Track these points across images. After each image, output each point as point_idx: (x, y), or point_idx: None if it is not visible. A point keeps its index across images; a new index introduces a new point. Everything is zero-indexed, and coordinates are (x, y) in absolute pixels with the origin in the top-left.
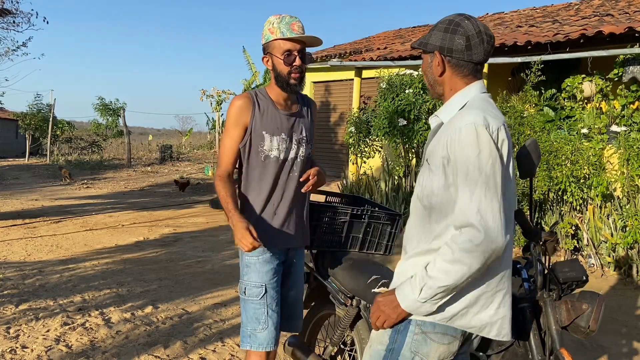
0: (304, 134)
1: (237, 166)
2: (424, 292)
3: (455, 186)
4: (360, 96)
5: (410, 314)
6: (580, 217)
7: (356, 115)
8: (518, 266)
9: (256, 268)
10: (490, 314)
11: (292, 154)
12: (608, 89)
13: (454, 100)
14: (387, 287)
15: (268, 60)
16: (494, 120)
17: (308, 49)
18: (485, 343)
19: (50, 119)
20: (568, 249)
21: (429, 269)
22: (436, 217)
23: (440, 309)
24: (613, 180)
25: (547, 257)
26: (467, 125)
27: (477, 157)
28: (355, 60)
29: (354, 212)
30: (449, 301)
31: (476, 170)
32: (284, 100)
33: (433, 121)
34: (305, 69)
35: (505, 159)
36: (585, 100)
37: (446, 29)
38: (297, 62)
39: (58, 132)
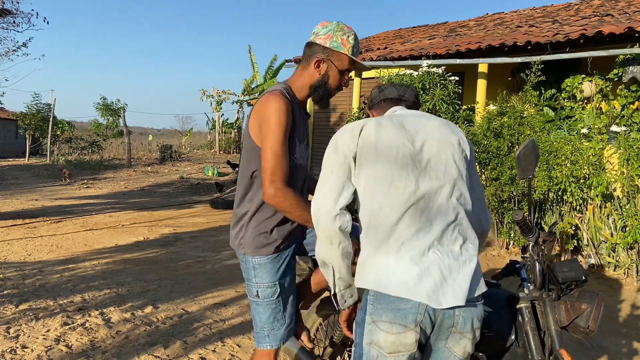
0: (308, 138)
1: (234, 168)
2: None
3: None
4: (360, 96)
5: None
6: (580, 217)
7: (356, 115)
8: (517, 266)
9: (267, 268)
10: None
11: (306, 160)
12: (608, 89)
13: None
14: None
15: (322, 65)
16: (358, 122)
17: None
18: (485, 343)
19: (50, 119)
20: (568, 249)
21: None
22: None
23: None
24: (613, 180)
25: (547, 257)
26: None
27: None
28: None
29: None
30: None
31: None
32: (304, 104)
33: None
34: None
35: (368, 147)
36: (585, 100)
37: (372, 92)
38: (347, 84)
39: (58, 132)
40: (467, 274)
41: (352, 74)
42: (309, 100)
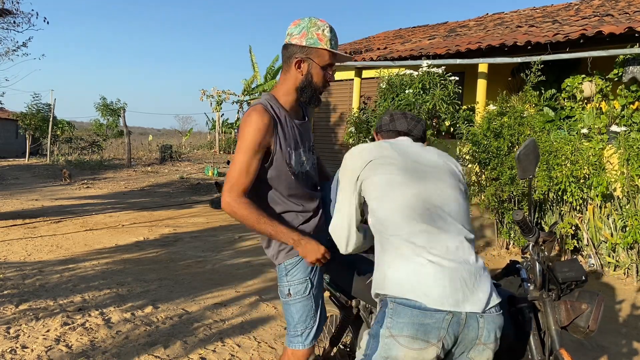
0: (312, 141)
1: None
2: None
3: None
4: (360, 96)
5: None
6: (580, 217)
7: (356, 115)
8: (517, 266)
9: (299, 266)
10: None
11: (308, 165)
12: (608, 89)
13: None
14: None
15: (302, 65)
16: (369, 144)
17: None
18: None
19: (50, 119)
20: (568, 249)
21: None
22: None
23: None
24: (613, 180)
25: (546, 257)
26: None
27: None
28: (355, 60)
29: None
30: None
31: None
32: (295, 108)
33: None
34: None
35: (365, 168)
36: (585, 101)
37: (383, 116)
38: (333, 77)
39: (58, 132)
40: (486, 282)
41: (352, 73)
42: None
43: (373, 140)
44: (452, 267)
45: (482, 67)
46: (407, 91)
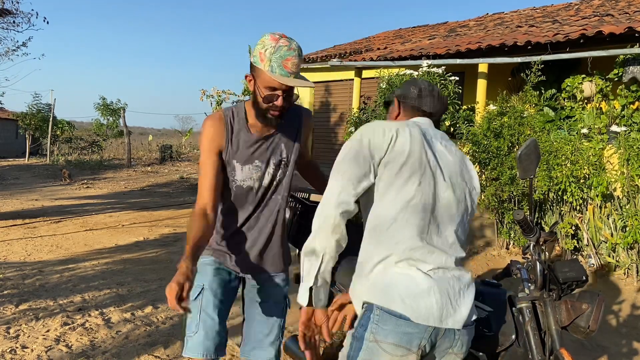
0: (284, 156)
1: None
2: (304, 269)
3: None
4: (360, 96)
5: (313, 309)
6: (580, 217)
7: (356, 115)
8: (518, 266)
9: (200, 268)
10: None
11: (266, 181)
12: (608, 89)
13: None
14: None
15: (250, 81)
16: (393, 124)
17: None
18: (485, 343)
19: (50, 119)
20: (568, 249)
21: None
22: None
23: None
24: (613, 180)
25: (547, 257)
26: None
27: (343, 151)
28: (355, 60)
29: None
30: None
31: (336, 164)
32: (263, 120)
33: None
34: (288, 107)
35: (397, 154)
36: (585, 100)
37: (406, 82)
38: (279, 102)
39: (58, 132)
40: (469, 300)
41: (352, 73)
42: (310, 101)
43: (388, 105)
44: (443, 282)
45: (482, 67)
46: None
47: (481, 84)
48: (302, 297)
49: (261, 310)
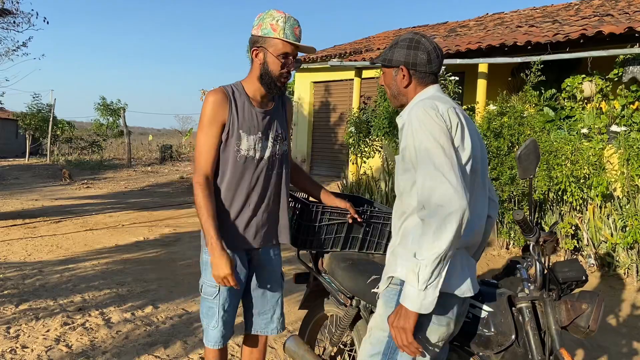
0: (280, 132)
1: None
2: (421, 275)
3: (414, 169)
4: (360, 96)
5: (421, 313)
6: (580, 217)
7: (356, 115)
8: (518, 266)
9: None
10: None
11: (268, 153)
12: (608, 89)
13: (414, 100)
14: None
15: (259, 54)
16: (442, 104)
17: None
18: (485, 343)
19: (50, 119)
20: (568, 249)
21: (417, 255)
22: (405, 199)
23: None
24: (613, 180)
25: (547, 257)
26: (416, 115)
27: (424, 139)
28: (355, 60)
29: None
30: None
31: (422, 152)
32: (260, 97)
33: (399, 121)
34: (289, 77)
35: (458, 136)
36: (585, 100)
37: (409, 46)
38: (292, 67)
39: (58, 132)
40: None
41: (352, 73)
42: (310, 101)
43: (384, 66)
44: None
45: (482, 67)
46: None
47: (481, 84)
48: (427, 305)
49: (269, 278)
